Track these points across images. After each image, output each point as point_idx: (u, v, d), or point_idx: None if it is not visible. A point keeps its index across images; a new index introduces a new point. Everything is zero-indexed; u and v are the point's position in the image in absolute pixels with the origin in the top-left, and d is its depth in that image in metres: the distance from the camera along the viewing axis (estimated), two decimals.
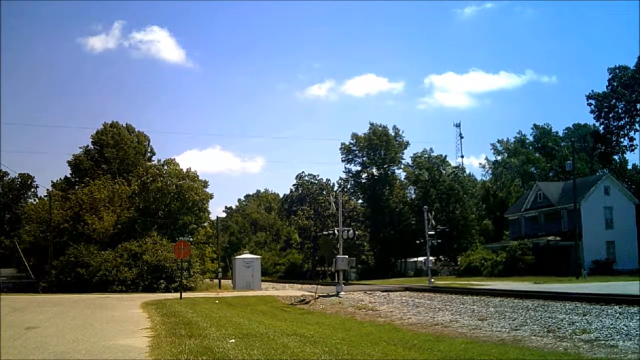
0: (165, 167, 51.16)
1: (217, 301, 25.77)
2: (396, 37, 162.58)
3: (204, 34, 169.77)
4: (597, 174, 68.69)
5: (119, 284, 36.71)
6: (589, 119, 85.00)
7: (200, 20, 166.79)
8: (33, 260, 46.81)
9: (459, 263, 65.98)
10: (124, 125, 63.75)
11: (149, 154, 64.14)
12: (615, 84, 71.45)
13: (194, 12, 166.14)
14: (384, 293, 30.83)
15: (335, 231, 31.50)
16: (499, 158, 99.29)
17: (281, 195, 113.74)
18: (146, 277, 37.83)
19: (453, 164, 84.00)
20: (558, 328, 14.57)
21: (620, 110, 72.69)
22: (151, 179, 48.64)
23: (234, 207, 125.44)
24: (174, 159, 52.82)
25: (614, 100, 72.12)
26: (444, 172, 77.77)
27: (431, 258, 46.16)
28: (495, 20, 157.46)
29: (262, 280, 44.91)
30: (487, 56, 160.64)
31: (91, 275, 37.61)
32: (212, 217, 63.89)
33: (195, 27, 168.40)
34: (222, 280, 50.94)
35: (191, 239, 38.96)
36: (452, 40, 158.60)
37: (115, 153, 59.48)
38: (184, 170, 50.74)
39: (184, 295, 28.46)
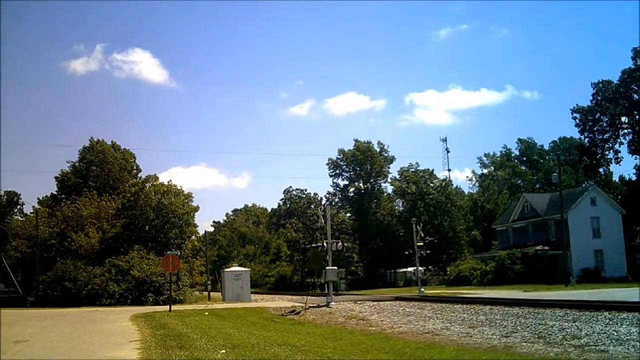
0: (148, 184, 50.91)
1: (206, 313, 25.64)
2: (375, 57, 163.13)
3: (186, 54, 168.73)
4: (583, 185, 69.23)
5: (107, 298, 36.44)
6: (574, 132, 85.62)
7: (182, 41, 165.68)
8: (21, 275, 46.32)
9: (448, 273, 66.16)
10: (110, 143, 63.63)
11: (134, 171, 63.94)
12: (599, 97, 71.93)
13: (176, 33, 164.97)
14: (375, 303, 30.79)
15: (324, 244, 31.50)
16: (485, 171, 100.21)
17: (269, 210, 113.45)
18: (134, 291, 37.56)
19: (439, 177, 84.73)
20: (549, 334, 14.63)
21: (604, 124, 73.22)
22: (135, 195, 48.50)
23: (221, 221, 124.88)
24: (155, 174, 52.75)
25: (598, 114, 72.65)
26: (431, 185, 78.43)
27: (420, 268, 46.20)
28: (471, 41, 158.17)
29: (252, 292, 44.67)
30: (466, 74, 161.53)
31: (79, 290, 37.32)
32: (200, 230, 63.53)
33: (177, 48, 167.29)
34: (212, 293, 50.67)
35: (178, 253, 38.66)
36: (430, 60, 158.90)
37: (100, 170, 59.30)
38: (165, 184, 50.46)
39: (173, 307, 28.27)
